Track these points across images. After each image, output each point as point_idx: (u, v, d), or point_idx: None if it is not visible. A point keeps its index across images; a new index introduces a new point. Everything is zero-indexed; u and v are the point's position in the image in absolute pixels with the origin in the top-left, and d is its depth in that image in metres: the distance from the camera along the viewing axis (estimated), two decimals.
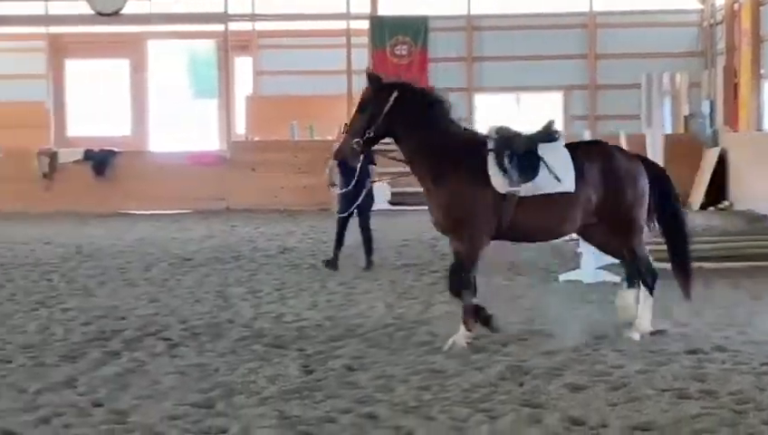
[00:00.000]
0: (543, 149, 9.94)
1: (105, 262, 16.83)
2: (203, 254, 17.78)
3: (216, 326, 11.21)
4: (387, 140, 10.26)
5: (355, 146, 9.98)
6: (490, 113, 29.38)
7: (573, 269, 14.36)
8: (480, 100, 29.73)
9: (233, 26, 29.37)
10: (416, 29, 28.59)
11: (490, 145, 9.91)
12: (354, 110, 10.30)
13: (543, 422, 7.46)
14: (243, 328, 11.11)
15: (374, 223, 16.18)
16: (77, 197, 27.24)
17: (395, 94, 9.88)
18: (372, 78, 10.04)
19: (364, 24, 28.84)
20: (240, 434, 7.23)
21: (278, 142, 29.06)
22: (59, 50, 32.95)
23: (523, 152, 9.85)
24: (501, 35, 29.45)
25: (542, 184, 9.82)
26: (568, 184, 9.84)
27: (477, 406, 7.88)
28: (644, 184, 10.17)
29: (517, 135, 10.03)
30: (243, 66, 32.62)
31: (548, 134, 10.12)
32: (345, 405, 7.91)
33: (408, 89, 10.09)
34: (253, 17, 30.34)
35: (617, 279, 12.81)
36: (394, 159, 10.54)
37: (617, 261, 11.14)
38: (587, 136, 16.81)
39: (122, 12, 28.22)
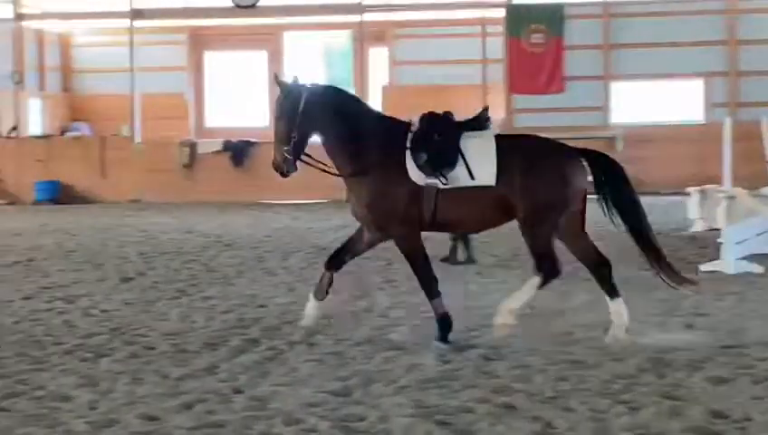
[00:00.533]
0: (469, 140, 9.62)
1: (244, 251, 17.08)
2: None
3: (352, 315, 11.29)
4: None
5: (286, 154, 9.92)
6: (628, 102, 29.00)
7: (715, 260, 14.07)
8: (617, 88, 29.28)
9: (368, 17, 29.48)
10: (552, 17, 28.29)
11: (409, 136, 9.69)
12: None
13: (685, 415, 7.33)
14: (380, 317, 11.17)
15: None
16: (216, 187, 27.74)
17: (305, 94, 9.84)
18: (280, 83, 10.00)
19: (500, 13, 28.66)
20: (378, 423, 7.26)
21: None
22: (199, 42, 33.55)
23: (441, 143, 9.56)
24: (638, 22, 28.99)
25: (460, 177, 9.52)
26: (486, 177, 9.50)
27: (617, 397, 7.78)
28: (575, 184, 9.62)
29: (442, 124, 9.74)
30: (378, 56, 32.73)
31: (477, 123, 9.83)
32: (482, 395, 7.88)
33: (317, 86, 10.06)
34: (388, 8, 30.41)
35: (761, 270, 12.53)
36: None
37: (761, 251, 10.85)
38: (728, 124, 16.39)
39: (260, 4, 28.57)
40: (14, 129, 29.48)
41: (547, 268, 9.66)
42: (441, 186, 9.49)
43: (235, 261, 15.89)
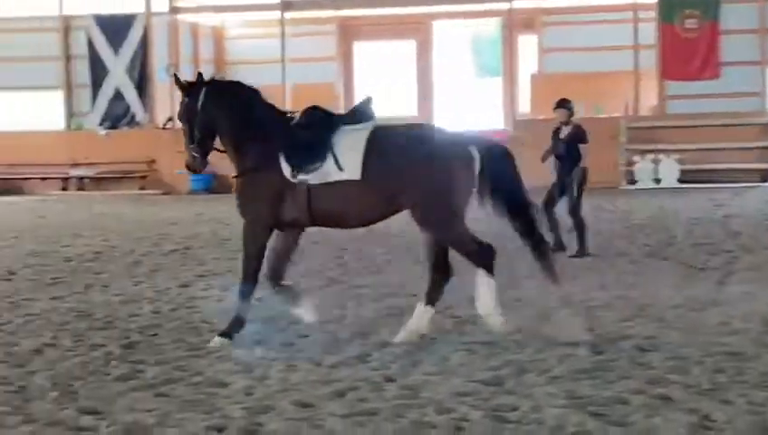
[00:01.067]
0: (344, 134, 9.42)
1: (392, 241, 17.14)
2: (491, 233, 17.78)
3: (503, 304, 11.22)
4: None
5: (193, 152, 9.77)
6: None
7: None
8: None
9: (517, 4, 29.30)
10: (706, 2, 27.69)
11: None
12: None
13: None
14: (529, 307, 11.08)
15: (663, 201, 15.79)
16: None
17: (204, 90, 9.72)
18: (177, 82, 9.88)
19: None
20: (530, 413, 7.21)
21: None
22: (348, 33, 33.82)
23: (309, 139, 9.39)
24: None
25: (328, 171, 9.32)
26: (351, 171, 9.25)
27: None
28: (460, 172, 9.28)
29: (316, 119, 9.56)
30: (527, 44, 32.49)
31: (355, 116, 9.64)
32: (637, 386, 7.77)
33: (214, 82, 9.94)
34: None
35: None
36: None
37: None
38: None
39: None
40: (170, 120, 30.15)
41: (475, 254, 9.48)
42: (312, 181, 9.33)
43: (384, 250, 15.98)
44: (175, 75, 9.92)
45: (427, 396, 7.66)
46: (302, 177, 9.34)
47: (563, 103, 15.32)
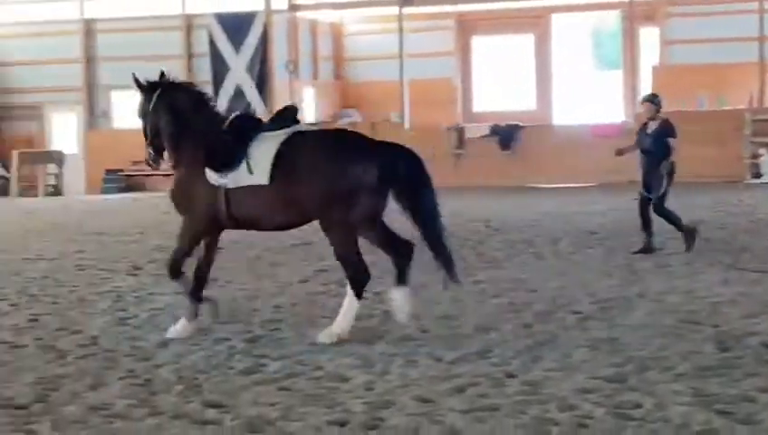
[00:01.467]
0: (261, 140, 9.57)
1: (512, 235, 17.09)
2: (608, 227, 17.67)
3: (625, 300, 11.12)
4: None
5: (150, 150, 10.08)
6: None
7: None
8: None
9: None
10: None
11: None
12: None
13: None
14: (653, 302, 10.96)
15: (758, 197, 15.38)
16: (484, 171, 27.87)
17: (157, 91, 9.95)
18: (137, 82, 10.04)
19: None
20: (655, 410, 7.11)
21: (685, 113, 28.35)
22: (466, 27, 33.76)
23: (228, 143, 9.59)
24: None
25: (241, 177, 9.52)
26: (259, 177, 9.45)
27: None
28: (353, 178, 9.25)
29: (242, 124, 9.77)
30: (648, 36, 32.05)
31: (277, 123, 9.76)
32: (764, 384, 7.61)
33: (167, 84, 10.07)
34: None
35: None
36: None
37: None
38: None
39: None
40: None
41: (351, 273, 9.58)
42: (230, 185, 9.55)
43: (504, 245, 15.93)
44: (133, 75, 10.19)
45: (548, 392, 7.60)
46: (220, 180, 9.60)
47: (650, 98, 15.11)
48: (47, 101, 31.60)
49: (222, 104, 30.53)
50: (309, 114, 32.31)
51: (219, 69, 30.74)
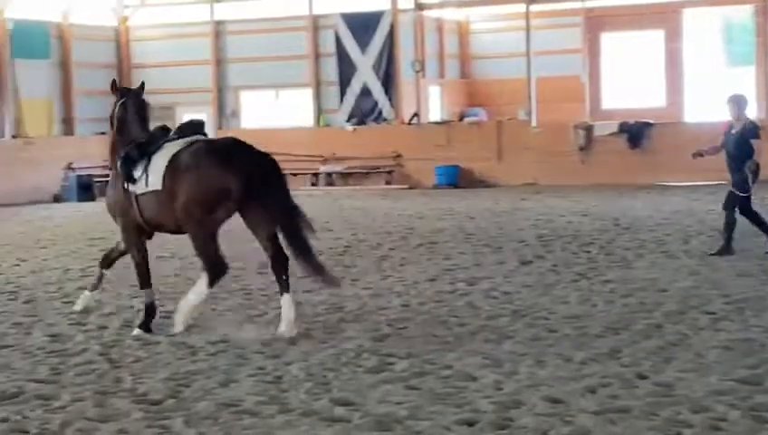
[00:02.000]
0: (165, 148, 10.26)
1: (642, 234, 16.86)
2: (740, 227, 17.22)
3: (760, 300, 10.88)
4: None
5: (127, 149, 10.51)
6: None
7: None
8: None
9: None
10: None
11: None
12: None
13: None
14: None
15: None
16: (612, 169, 27.56)
17: (120, 100, 10.72)
18: (112, 86, 10.92)
19: None
20: None
21: None
22: (594, 24, 33.39)
23: (135, 153, 10.33)
24: None
25: (143, 183, 10.22)
26: (155, 183, 10.12)
27: None
28: (205, 181, 9.94)
29: (152, 134, 10.51)
30: None
31: (182, 132, 10.48)
32: None
33: (127, 93, 10.85)
34: None
35: None
36: None
37: None
38: None
39: None
40: (416, 115, 30.52)
41: (209, 267, 10.12)
42: (138, 192, 10.27)
43: (633, 244, 15.71)
44: (112, 83, 11.07)
45: (681, 394, 7.47)
46: (130, 187, 10.33)
47: (735, 98, 14.83)
48: (178, 102, 32.20)
49: (349, 103, 30.81)
50: (434, 113, 32.35)
51: (346, 69, 30.95)
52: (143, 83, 11.11)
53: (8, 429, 7.18)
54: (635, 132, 28.13)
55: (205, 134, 10.69)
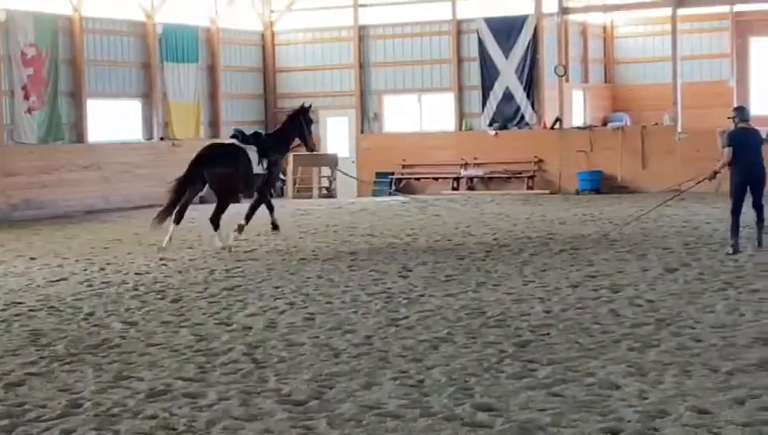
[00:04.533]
0: None
1: None
2: None
3: None
4: None
5: None
6: None
7: None
8: None
9: None
10: None
11: None
12: None
13: None
14: None
15: None
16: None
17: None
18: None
19: None
20: None
21: None
22: (743, 28, 32.69)
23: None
24: None
25: None
26: None
27: None
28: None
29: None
30: None
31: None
32: None
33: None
34: None
35: None
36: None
37: None
38: None
39: None
40: (558, 120, 30.29)
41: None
42: None
43: None
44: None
45: None
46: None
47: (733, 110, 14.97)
48: (322, 105, 32.59)
49: (491, 108, 30.75)
50: (577, 117, 32.07)
51: (489, 73, 30.90)
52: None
53: (157, 425, 7.36)
54: None
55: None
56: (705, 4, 30.83)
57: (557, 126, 30.26)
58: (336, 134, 32.99)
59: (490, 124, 30.95)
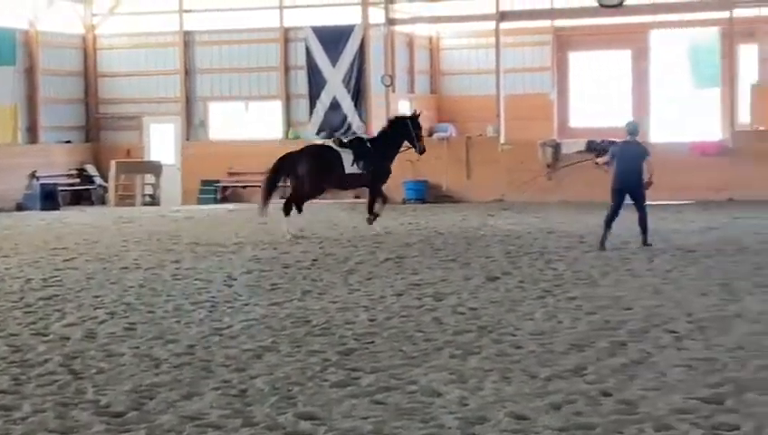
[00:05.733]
0: None
1: (608, 252, 16.90)
2: (706, 246, 17.43)
3: (722, 320, 10.94)
4: None
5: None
6: None
7: None
8: None
9: (738, 13, 28.49)
10: None
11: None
12: None
13: None
14: (752, 323, 10.76)
15: None
16: (579, 187, 27.60)
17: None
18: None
19: None
20: (753, 433, 6.98)
21: None
22: (563, 43, 33.59)
23: None
24: None
25: None
26: None
27: None
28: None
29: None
30: (748, 53, 31.57)
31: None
32: None
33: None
34: (760, 2, 29.34)
35: None
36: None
37: None
38: None
39: (626, 3, 28.16)
40: None
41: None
42: None
43: (598, 262, 15.76)
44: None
45: (644, 412, 7.50)
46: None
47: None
48: (146, 112, 32.12)
49: (318, 116, 30.80)
50: None
51: (316, 81, 30.94)
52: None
53: None
54: (602, 150, 28.18)
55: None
56: (526, 19, 31.54)
57: None
58: (161, 141, 32.54)
59: (317, 133, 30.97)
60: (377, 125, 30.36)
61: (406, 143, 21.52)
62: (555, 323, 10.95)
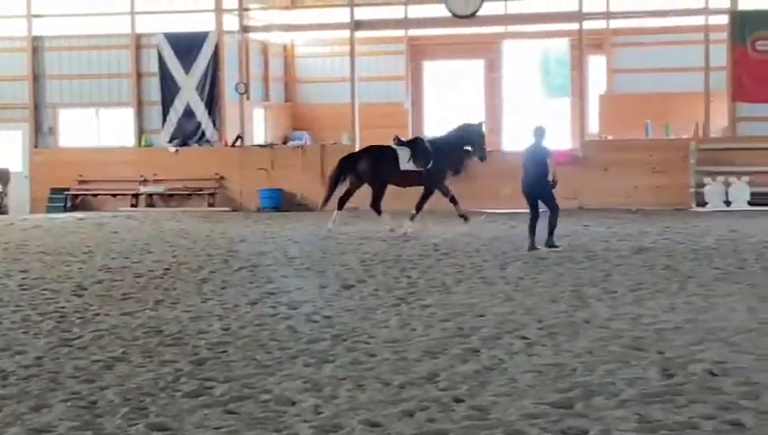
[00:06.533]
0: None
1: (461, 260, 17.13)
2: (558, 253, 17.77)
3: (572, 326, 11.18)
4: None
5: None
6: None
7: None
8: None
9: (587, 25, 29.15)
10: None
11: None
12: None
13: None
14: (600, 329, 11.02)
15: (733, 223, 15.66)
16: (435, 196, 27.83)
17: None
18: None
19: (723, 20, 27.88)
20: None
21: (632, 141, 28.73)
22: (417, 52, 33.90)
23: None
24: None
25: None
26: None
27: None
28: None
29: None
30: (596, 65, 32.36)
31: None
32: (708, 411, 7.66)
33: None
34: (608, 15, 30.07)
35: None
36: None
37: None
38: None
39: (479, 14, 28.56)
40: (239, 138, 30.38)
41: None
42: None
43: (452, 269, 15.95)
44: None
45: (495, 417, 7.62)
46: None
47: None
48: None
49: (171, 124, 30.46)
50: (259, 135, 32.28)
51: (169, 89, 30.59)
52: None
53: None
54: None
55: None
56: (381, 28, 31.74)
57: (238, 143, 30.34)
58: (9, 148, 31.75)
59: (170, 141, 30.65)
60: (231, 133, 30.27)
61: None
62: (409, 331, 11.04)
